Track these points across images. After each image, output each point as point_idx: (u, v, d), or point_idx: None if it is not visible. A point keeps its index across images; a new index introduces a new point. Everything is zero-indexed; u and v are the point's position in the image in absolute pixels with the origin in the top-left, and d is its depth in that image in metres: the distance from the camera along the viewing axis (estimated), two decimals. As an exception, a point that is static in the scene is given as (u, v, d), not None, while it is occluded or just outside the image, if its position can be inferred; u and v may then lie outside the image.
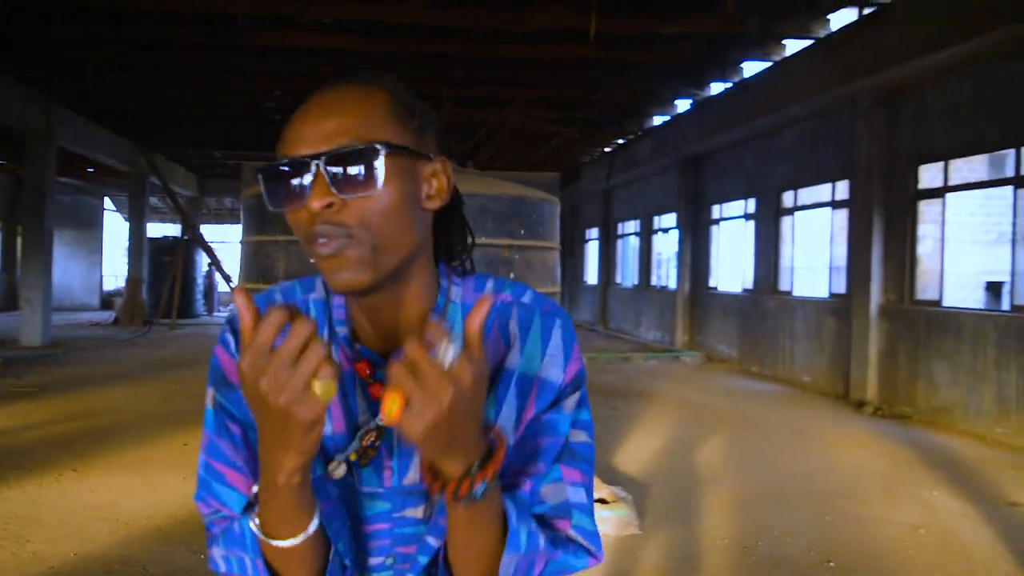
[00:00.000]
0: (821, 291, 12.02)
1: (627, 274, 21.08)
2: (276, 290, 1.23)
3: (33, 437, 7.18)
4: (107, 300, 26.61)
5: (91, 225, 27.41)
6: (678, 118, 15.45)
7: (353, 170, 0.99)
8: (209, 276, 24.27)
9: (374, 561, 1.15)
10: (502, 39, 10.94)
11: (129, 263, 21.17)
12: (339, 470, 1.11)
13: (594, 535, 1.11)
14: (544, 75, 12.71)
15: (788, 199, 12.69)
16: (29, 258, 14.90)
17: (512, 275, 4.28)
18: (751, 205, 13.92)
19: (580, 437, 1.13)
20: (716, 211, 15.41)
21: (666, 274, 18.73)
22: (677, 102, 15.09)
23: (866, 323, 10.01)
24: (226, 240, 29.18)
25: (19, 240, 26.33)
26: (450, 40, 10.97)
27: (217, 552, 1.11)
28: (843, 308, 10.73)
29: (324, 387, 0.87)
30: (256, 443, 1.01)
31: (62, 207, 22.28)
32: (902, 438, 8.05)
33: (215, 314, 24.45)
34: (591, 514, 1.12)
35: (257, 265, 4.16)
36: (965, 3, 7.81)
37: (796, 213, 12.59)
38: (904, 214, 9.59)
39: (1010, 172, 8.39)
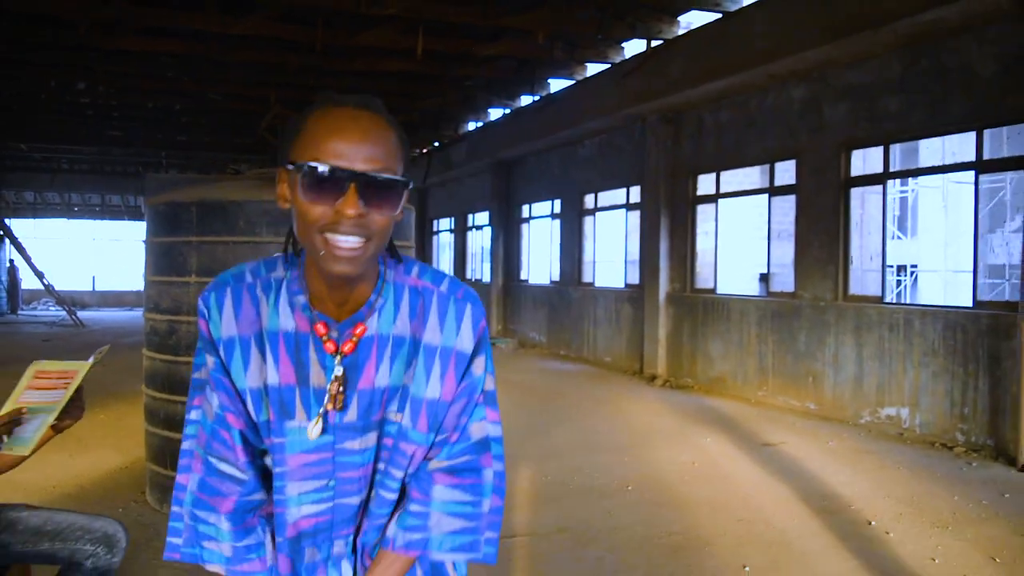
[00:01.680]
0: (618, 282, 13.67)
1: (443, 268, 22.31)
2: (245, 268, 1.50)
3: None
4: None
5: None
6: (491, 125, 16.77)
7: (380, 191, 1.30)
8: (12, 273, 23.36)
9: (317, 484, 1.46)
10: (335, 53, 11.80)
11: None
12: (315, 430, 1.44)
13: (501, 458, 1.55)
14: (369, 83, 13.63)
15: (589, 201, 14.29)
16: None
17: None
18: (557, 206, 15.46)
19: (491, 385, 1.53)
20: (526, 210, 16.89)
21: (480, 268, 20.04)
22: (491, 111, 16.41)
23: (656, 309, 11.68)
24: (34, 236, 27.95)
25: None
26: (286, 52, 11.70)
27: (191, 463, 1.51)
28: (637, 296, 12.39)
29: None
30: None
31: None
32: (684, 403, 9.70)
33: (20, 312, 23.50)
34: (500, 441, 1.55)
35: (170, 262, 5.00)
36: (730, 44, 9.48)
37: (597, 213, 14.20)
38: (685, 216, 11.34)
39: (767, 183, 10.21)
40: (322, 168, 1.27)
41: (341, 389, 1.42)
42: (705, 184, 11.23)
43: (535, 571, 4.26)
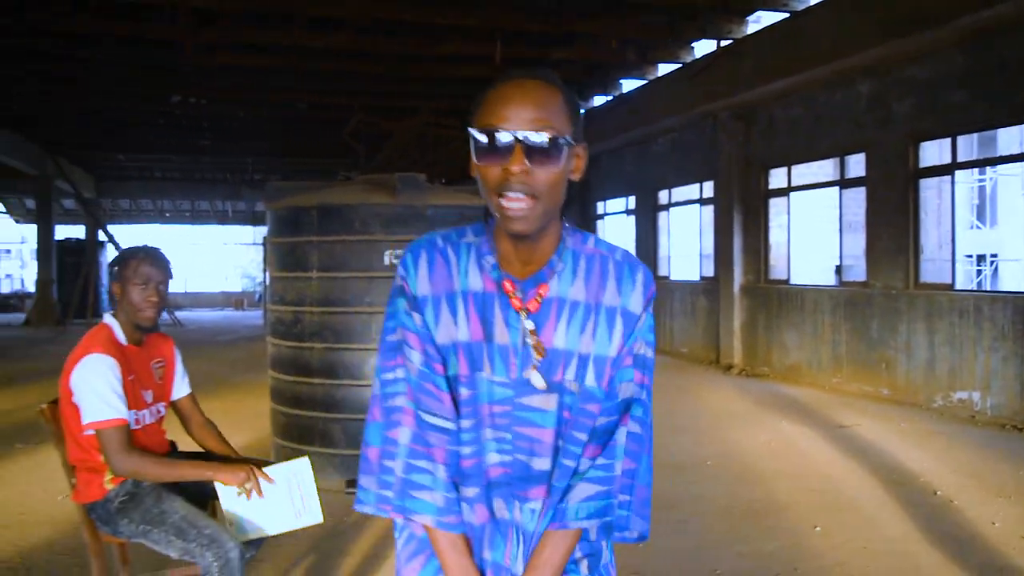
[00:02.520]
0: (693, 275, 14.04)
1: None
2: (436, 235, 1.61)
3: None
4: (4, 302, 26.55)
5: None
6: (565, 125, 17.22)
7: (544, 150, 1.40)
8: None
9: (499, 435, 1.53)
10: (415, 61, 12.44)
11: (39, 265, 21.46)
12: (538, 380, 1.53)
13: (648, 424, 1.57)
14: (448, 88, 14.25)
15: (663, 197, 14.68)
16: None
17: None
18: (631, 202, 15.88)
19: (643, 350, 1.57)
20: (600, 207, 17.34)
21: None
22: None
23: (731, 300, 12.03)
24: (129, 241, 29.44)
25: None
26: (369, 62, 12.38)
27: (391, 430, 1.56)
28: (712, 288, 12.75)
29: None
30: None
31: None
32: (760, 390, 10.05)
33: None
34: (644, 405, 1.56)
35: (294, 259, 5.63)
36: (798, 43, 9.80)
37: (671, 209, 14.58)
38: (758, 209, 11.67)
39: (837, 176, 10.50)
40: (485, 133, 1.41)
41: (538, 340, 1.52)
42: (777, 178, 11.54)
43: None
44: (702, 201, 13.43)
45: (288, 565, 4.20)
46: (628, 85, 14.32)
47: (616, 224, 16.95)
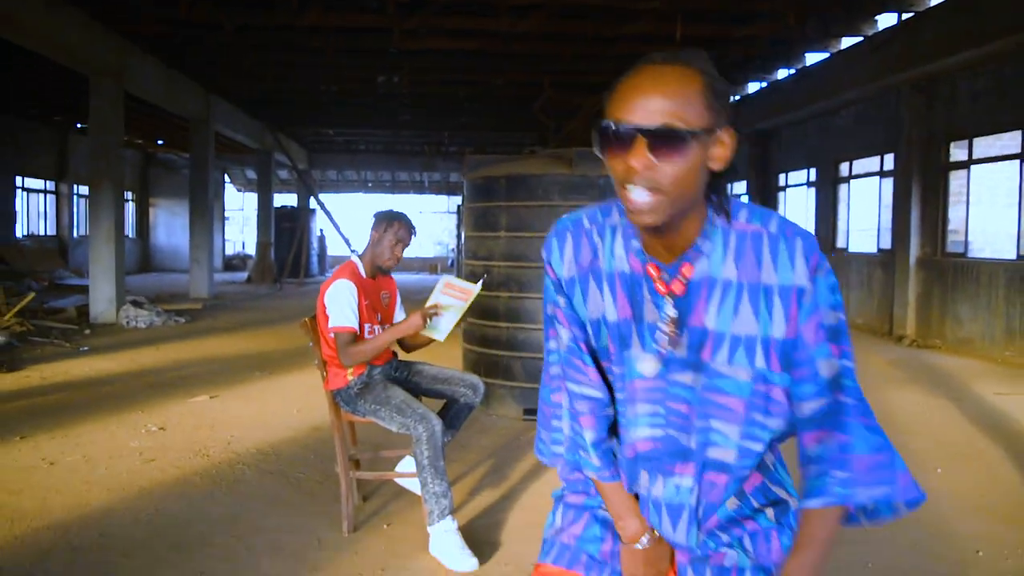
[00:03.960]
0: (871, 247, 14.12)
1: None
2: (583, 214, 1.60)
3: (199, 369, 9.84)
4: (228, 263, 29.59)
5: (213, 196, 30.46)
6: (748, 98, 17.52)
7: (668, 143, 1.31)
8: (321, 240, 27.04)
9: (651, 408, 1.54)
10: (601, 42, 13.20)
11: (258, 229, 23.97)
12: (649, 367, 1.52)
13: (855, 389, 1.46)
14: (632, 66, 14.88)
15: (844, 169, 14.79)
16: (196, 225, 17.69)
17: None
18: (812, 174, 16.03)
19: (831, 319, 1.44)
20: (782, 179, 17.55)
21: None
22: (748, 85, 17.18)
23: (906, 273, 12.14)
24: (336, 209, 32.08)
25: (151, 210, 29.60)
26: (559, 43, 13.27)
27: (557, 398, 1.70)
28: (888, 261, 12.86)
29: None
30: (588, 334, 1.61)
31: (187, 180, 25.23)
32: (927, 359, 10.26)
33: (326, 273, 27.19)
34: (849, 373, 1.45)
35: (485, 221, 6.65)
36: (981, 14, 9.82)
37: (851, 181, 14.67)
38: (937, 183, 11.70)
39: (1020, 149, 10.44)
40: (604, 124, 1.36)
41: (675, 329, 1.48)
42: (957, 151, 11.53)
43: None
44: (882, 174, 13.49)
45: (474, 462, 5.22)
46: (813, 59, 14.48)
47: (797, 196, 17.12)
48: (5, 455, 5.27)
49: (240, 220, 34.22)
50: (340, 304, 3.83)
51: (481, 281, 4.02)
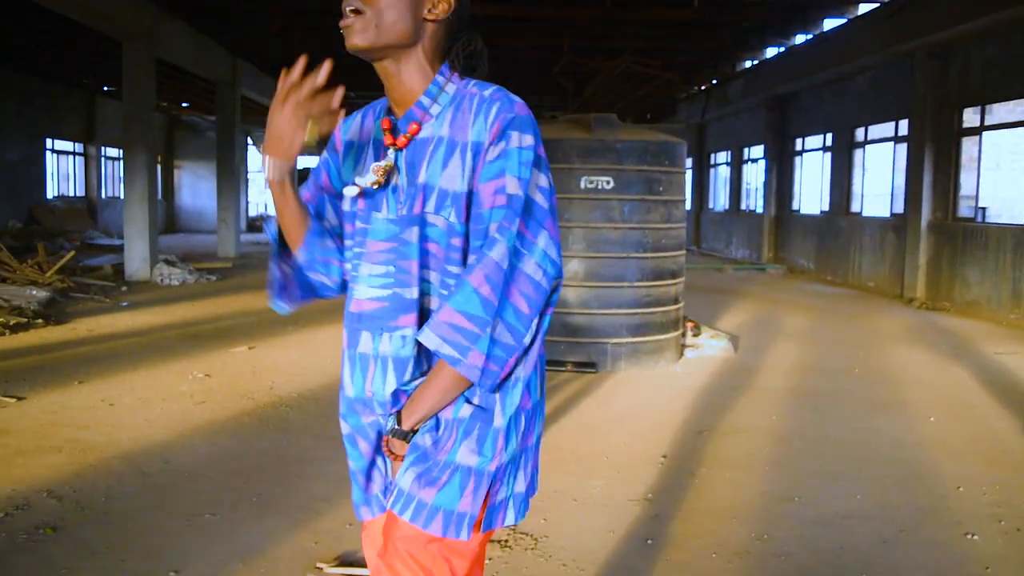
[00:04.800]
0: (884, 211, 14.38)
1: (718, 200, 23.55)
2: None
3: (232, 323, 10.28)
4: (251, 224, 30.04)
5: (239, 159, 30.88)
6: (766, 63, 17.70)
7: None
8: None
9: (379, 270, 1.59)
10: (620, 5, 13.44)
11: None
12: (351, 191, 1.61)
13: (498, 265, 1.46)
14: (649, 30, 15.15)
15: (859, 134, 15.00)
16: (223, 187, 18.17)
17: (661, 189, 6.98)
18: (828, 139, 16.24)
19: (516, 189, 1.48)
20: (799, 144, 17.76)
21: (754, 199, 21.02)
22: (766, 49, 17.35)
23: (917, 236, 12.41)
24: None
25: (176, 172, 30.07)
26: (579, 7, 13.52)
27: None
28: (900, 225, 13.13)
29: (311, 127, 1.51)
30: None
31: (212, 143, 25.66)
32: (934, 321, 10.59)
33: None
34: (509, 248, 1.46)
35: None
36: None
37: (866, 146, 14.90)
38: (950, 149, 11.94)
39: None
40: None
41: (385, 173, 1.56)
42: (971, 117, 11.75)
43: (768, 410, 5.86)
44: (896, 139, 13.70)
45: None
46: (830, 25, 14.65)
47: (813, 160, 17.34)
48: (68, 397, 5.74)
49: (263, 182, 34.66)
50: None
51: None
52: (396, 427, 1.53)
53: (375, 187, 1.57)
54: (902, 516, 3.92)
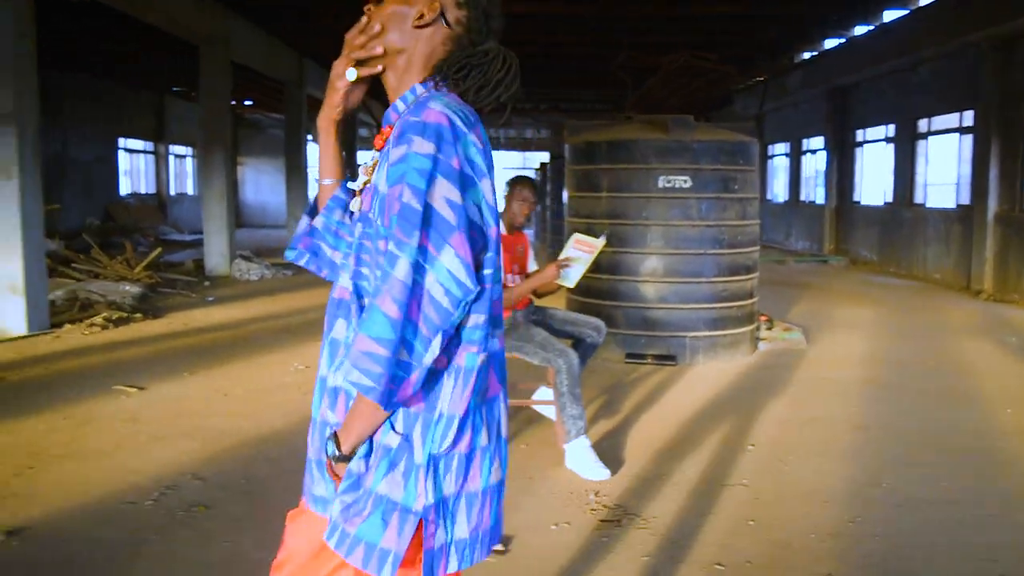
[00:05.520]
0: (949, 203, 14.36)
1: (777, 191, 23.53)
2: None
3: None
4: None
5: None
6: (825, 54, 17.68)
7: None
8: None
9: (351, 261, 1.66)
10: (675, 1, 13.58)
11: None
12: (355, 203, 1.70)
13: (393, 277, 1.43)
14: (706, 25, 15.24)
15: (922, 125, 14.98)
16: (292, 183, 18.71)
17: (736, 187, 7.18)
18: (891, 130, 16.22)
19: (414, 201, 1.45)
20: (860, 135, 17.74)
21: (813, 190, 21.00)
22: (825, 41, 17.34)
23: (984, 229, 12.41)
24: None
25: (239, 168, 30.80)
26: (635, 4, 13.69)
27: None
28: (966, 217, 13.12)
29: (353, 71, 1.66)
30: None
31: (277, 141, 26.27)
32: (1002, 313, 10.63)
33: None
34: (393, 259, 1.43)
35: (587, 183, 7.31)
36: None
37: (929, 137, 14.87)
38: (1016, 140, 11.92)
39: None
40: None
41: (369, 173, 1.63)
42: (1038, 108, 11.72)
43: (844, 401, 6.07)
44: (961, 130, 13.68)
45: (588, 398, 5.94)
46: (889, 16, 14.63)
47: (875, 152, 17.32)
48: (182, 387, 6.17)
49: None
50: None
51: (603, 236, 4.66)
52: (336, 452, 1.53)
53: (364, 186, 1.64)
54: (989, 501, 4.14)
